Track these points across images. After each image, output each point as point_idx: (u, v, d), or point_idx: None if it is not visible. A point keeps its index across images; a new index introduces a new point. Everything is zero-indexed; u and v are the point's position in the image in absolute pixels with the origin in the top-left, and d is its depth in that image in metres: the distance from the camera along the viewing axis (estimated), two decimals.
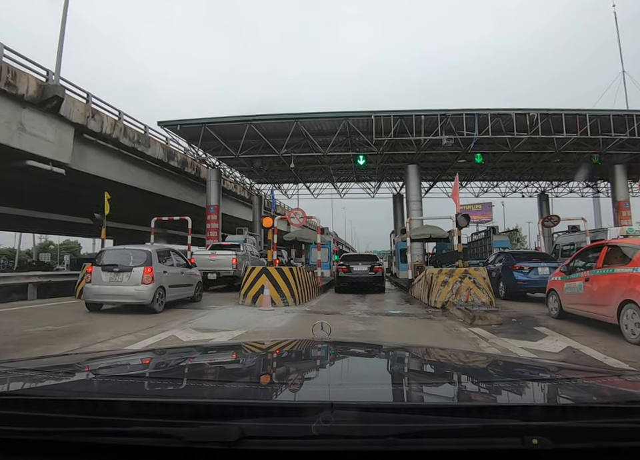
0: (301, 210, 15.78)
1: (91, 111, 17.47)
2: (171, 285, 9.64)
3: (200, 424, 0.80)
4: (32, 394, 1.05)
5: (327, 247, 23.62)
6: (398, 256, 23.47)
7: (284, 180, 29.63)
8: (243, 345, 2.19)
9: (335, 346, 1.81)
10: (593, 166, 24.03)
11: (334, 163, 23.30)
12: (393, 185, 29.53)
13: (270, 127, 18.80)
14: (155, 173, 22.91)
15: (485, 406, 0.99)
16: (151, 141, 21.49)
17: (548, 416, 0.86)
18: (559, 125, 17.24)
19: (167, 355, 1.85)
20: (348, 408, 0.85)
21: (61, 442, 0.83)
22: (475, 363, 1.81)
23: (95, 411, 0.86)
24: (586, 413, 0.88)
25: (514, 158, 23.21)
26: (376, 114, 17.17)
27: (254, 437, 0.79)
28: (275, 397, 1.09)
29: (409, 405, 1.04)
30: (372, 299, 12.89)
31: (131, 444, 0.81)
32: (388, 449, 0.77)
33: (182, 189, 25.84)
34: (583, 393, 1.21)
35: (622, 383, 1.33)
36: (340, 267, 15.27)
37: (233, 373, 1.48)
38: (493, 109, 17.38)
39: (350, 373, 1.50)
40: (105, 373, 1.41)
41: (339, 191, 30.68)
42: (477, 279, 10.44)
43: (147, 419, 0.83)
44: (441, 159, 23.31)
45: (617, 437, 0.82)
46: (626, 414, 0.88)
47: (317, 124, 18.88)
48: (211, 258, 14.79)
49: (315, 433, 0.77)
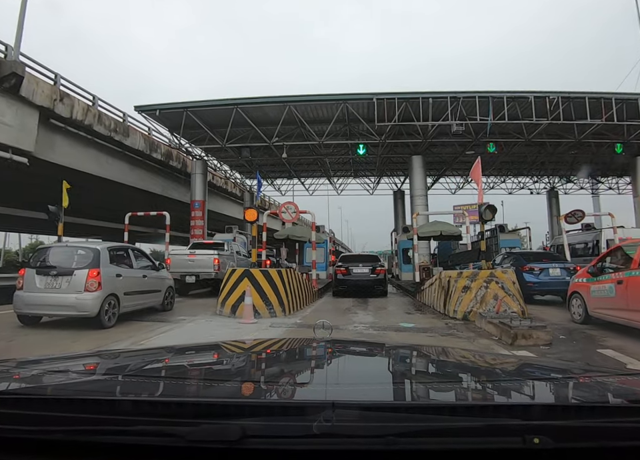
0: (293, 204, 13.86)
1: (59, 93, 15.47)
2: (128, 292, 7.71)
3: (202, 423, 0.80)
4: (34, 393, 1.02)
5: (322, 246, 21.73)
6: (400, 256, 21.58)
7: (277, 175, 27.71)
8: (245, 345, 2.22)
9: (336, 345, 1.83)
10: (609, 159, 22.37)
11: (331, 154, 21.40)
12: (393, 181, 27.70)
13: (259, 113, 16.89)
14: (137, 166, 20.93)
15: (486, 405, 0.98)
16: (130, 130, 19.47)
17: (549, 415, 0.84)
18: (581, 110, 15.42)
19: (169, 354, 1.81)
20: (349, 407, 0.85)
21: (63, 441, 0.83)
22: (475, 362, 1.78)
23: (97, 410, 0.85)
24: (587, 413, 0.87)
25: (526, 150, 21.42)
26: (378, 96, 15.27)
27: (255, 436, 0.78)
28: (276, 396, 1.08)
29: (410, 404, 1.03)
30: (375, 306, 11.00)
31: (133, 443, 0.81)
32: (389, 448, 0.77)
33: (167, 184, 23.79)
34: (584, 393, 1.20)
35: (623, 382, 1.31)
36: (338, 269, 14.02)
37: (235, 372, 1.47)
38: (509, 91, 15.53)
39: (351, 372, 1.48)
40: (107, 372, 1.40)
41: (335, 187, 28.82)
42: (505, 284, 8.55)
43: (149, 418, 0.82)
44: (447, 151, 21.48)
45: (618, 437, 0.81)
46: (627, 413, 0.87)
47: (312, 110, 16.98)
48: (189, 258, 12.85)
49: (316, 432, 0.77)
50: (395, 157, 21.61)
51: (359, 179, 28.38)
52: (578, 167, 23.92)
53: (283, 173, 27.28)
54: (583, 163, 22.84)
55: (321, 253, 21.86)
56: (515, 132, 17.09)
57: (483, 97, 15.25)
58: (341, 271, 13.90)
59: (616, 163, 22.45)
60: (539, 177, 27.62)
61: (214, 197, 29.60)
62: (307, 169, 26.17)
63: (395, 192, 27.48)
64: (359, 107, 16.23)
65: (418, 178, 18.21)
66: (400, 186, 27.29)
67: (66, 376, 1.28)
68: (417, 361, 1.77)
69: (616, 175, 27.62)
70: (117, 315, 7.38)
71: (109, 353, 2.21)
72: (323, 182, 28.67)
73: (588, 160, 22.49)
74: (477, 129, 16.65)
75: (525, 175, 27.65)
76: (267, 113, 16.92)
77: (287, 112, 16.17)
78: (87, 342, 5.95)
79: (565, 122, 15.40)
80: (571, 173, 26.24)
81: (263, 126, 17.53)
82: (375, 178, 27.93)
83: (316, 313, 9.64)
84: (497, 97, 15.21)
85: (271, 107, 16.46)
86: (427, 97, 15.16)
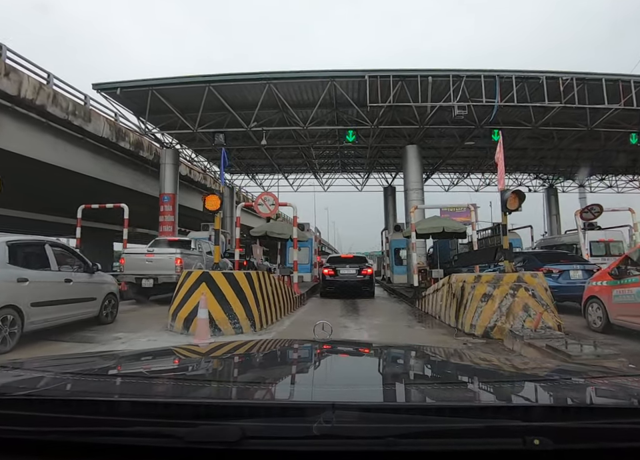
0: (271, 195, 11.92)
1: (3, 67, 13.31)
2: (39, 303, 5.66)
3: (201, 424, 0.80)
4: (32, 394, 0.99)
5: (307, 245, 19.80)
6: (392, 257, 19.73)
7: (259, 170, 25.72)
8: (244, 345, 2.18)
9: (336, 346, 1.83)
10: (615, 154, 20.84)
11: (317, 146, 19.51)
12: (384, 176, 25.86)
13: (236, 94, 14.88)
14: (102, 156, 18.76)
15: (486, 406, 0.97)
16: (92, 115, 17.26)
17: (549, 416, 0.84)
18: (596, 94, 13.74)
19: (167, 355, 1.82)
20: (349, 408, 0.84)
21: (61, 442, 0.82)
22: (475, 363, 1.77)
23: (95, 411, 0.85)
24: (587, 414, 0.87)
25: (528, 143, 19.78)
26: (371, 74, 13.38)
27: (255, 437, 0.78)
28: (276, 397, 1.10)
29: (410, 405, 1.02)
30: (369, 317, 9.07)
31: (131, 444, 0.81)
32: (389, 449, 0.77)
33: (138, 178, 21.52)
34: (584, 394, 1.19)
35: (623, 383, 1.30)
36: (326, 270, 13.83)
37: (234, 373, 1.47)
38: (519, 71, 13.75)
39: (351, 373, 1.46)
40: (104, 373, 1.39)
41: (321, 182, 26.89)
42: (536, 291, 6.68)
43: (148, 419, 0.82)
44: (443, 144, 19.70)
45: (618, 438, 0.81)
46: (627, 415, 0.87)
47: (295, 91, 15.00)
48: (146, 258, 10.78)
49: (316, 433, 0.77)
50: (388, 148, 19.78)
51: (347, 175, 26.53)
52: (581, 163, 22.32)
53: (265, 168, 25.29)
54: (587, 158, 21.27)
55: (305, 253, 19.94)
56: (521, 119, 15.34)
57: (489, 76, 13.45)
58: (328, 272, 13.65)
59: (622, 157, 20.92)
60: (537, 174, 25.99)
61: (191, 192, 27.52)
62: (291, 163, 24.22)
63: (386, 188, 25.65)
64: (349, 88, 14.32)
65: (413, 169, 16.35)
66: (391, 181, 25.48)
67: (64, 377, 1.25)
68: (417, 362, 1.76)
69: (618, 173, 26.19)
70: (19, 335, 5.33)
71: (106, 354, 2.10)
72: (309, 177, 26.78)
73: (592, 155, 20.92)
74: (480, 115, 14.84)
75: (523, 172, 26.04)
76: (244, 94, 14.92)
77: (266, 92, 14.19)
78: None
79: (580, 106, 13.66)
80: (572, 170, 24.64)
81: (240, 110, 15.55)
82: (364, 173, 26.10)
83: (295, 326, 7.66)
84: (505, 76, 13.43)
85: (249, 86, 14.46)
86: (426, 74, 13.31)
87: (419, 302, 10.55)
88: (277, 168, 23.20)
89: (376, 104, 13.28)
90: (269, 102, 15.33)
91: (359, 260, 14.36)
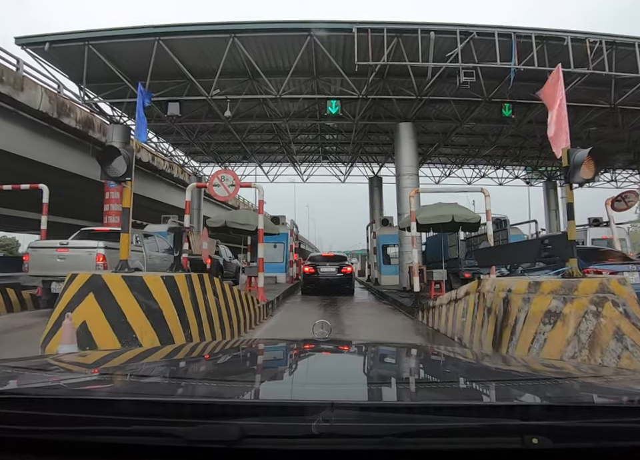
0: (230, 172, 9.25)
1: None
2: None
3: (200, 423, 0.79)
4: (32, 393, 0.98)
5: (281, 241, 17.20)
6: (380, 255, 17.19)
7: (228, 158, 22.90)
8: (243, 344, 2.20)
9: (335, 345, 1.83)
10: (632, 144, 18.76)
11: (293, 126, 16.91)
12: (370, 166, 23.34)
13: (194, 52, 12.11)
14: (42, 135, 15.81)
15: (485, 405, 0.97)
16: (26, 83, 14.24)
17: (548, 415, 0.83)
18: (629, 61, 11.48)
19: (166, 354, 1.80)
20: (348, 407, 0.85)
21: (61, 441, 0.82)
22: (475, 362, 1.78)
23: (95, 410, 0.84)
24: (586, 413, 0.86)
25: (534, 128, 17.45)
26: (360, 26, 10.79)
27: (254, 436, 0.78)
28: (276, 396, 1.08)
29: (409, 404, 1.01)
30: (358, 334, 6.50)
31: (131, 443, 0.80)
32: (388, 448, 0.78)
33: (89, 162, 18.33)
34: (584, 393, 1.17)
35: (623, 382, 1.30)
36: (306, 268, 14.07)
37: (233, 372, 1.43)
38: (539, 29, 11.35)
39: (350, 372, 1.44)
40: (105, 372, 1.33)
41: (300, 172, 24.26)
42: (628, 306, 4.20)
43: (148, 418, 0.81)
44: (438, 129, 17.30)
45: (617, 437, 0.81)
46: (626, 413, 0.86)
47: (266, 52, 12.29)
48: (58, 254, 8.00)
49: (315, 432, 0.76)
50: (376, 133, 17.27)
51: (328, 165, 23.97)
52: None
53: (236, 156, 22.49)
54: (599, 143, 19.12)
55: (280, 250, 17.33)
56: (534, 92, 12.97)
57: (504, 33, 11.00)
58: (309, 270, 13.86)
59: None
60: (535, 167, 23.77)
61: (156, 183, 24.65)
62: (265, 150, 21.51)
63: (371, 179, 23.12)
64: (332, 48, 11.71)
65: (407, 151, 13.82)
66: (377, 171, 22.97)
67: (64, 376, 1.26)
68: (416, 360, 1.75)
69: (621, 167, 24.24)
70: None
71: (106, 353, 2.06)
72: (287, 166, 24.12)
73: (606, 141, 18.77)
74: (489, 86, 12.43)
75: (520, 164, 23.81)
76: (204, 54, 12.18)
77: (230, 49, 11.46)
78: None
79: (611, 74, 11.32)
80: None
81: (201, 77, 12.82)
82: (348, 164, 23.57)
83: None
84: (523, 35, 10.99)
85: (209, 43, 11.72)
86: (428, 29, 10.77)
87: (422, 314, 8.01)
88: (248, 152, 20.42)
89: (367, 62, 10.67)
90: (235, 67, 12.65)
91: (339, 258, 14.46)
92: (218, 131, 17.83)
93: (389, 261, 17.00)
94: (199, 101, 13.35)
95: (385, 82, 13.12)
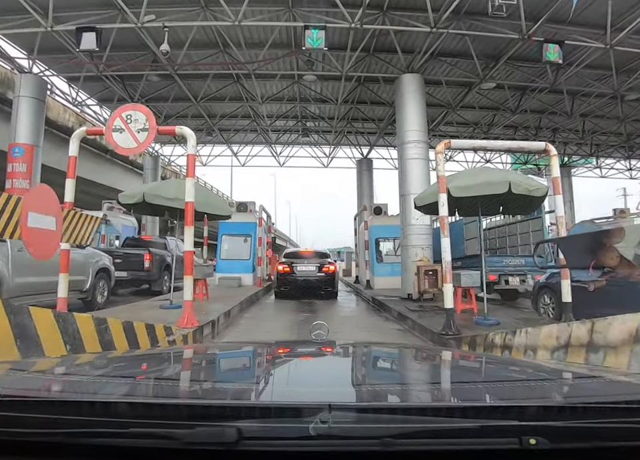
0: (143, 110, 5.60)
1: None
2: None
3: (198, 425, 0.78)
4: (29, 395, 0.96)
5: (249, 232, 13.62)
6: (372, 251, 13.67)
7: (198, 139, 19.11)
8: (241, 346, 2.25)
9: (332, 347, 1.81)
10: None
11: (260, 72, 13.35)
12: (359, 149, 19.86)
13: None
14: None
15: (483, 406, 0.93)
16: None
17: (546, 416, 0.82)
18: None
19: (164, 356, 1.78)
20: (346, 409, 0.84)
21: (58, 443, 0.81)
22: (472, 363, 1.76)
23: (92, 412, 0.82)
24: (583, 413, 0.84)
25: (551, 99, 14.17)
26: None
27: (252, 438, 0.77)
28: (273, 398, 1.08)
29: (406, 405, 0.98)
30: None
31: (128, 445, 0.79)
32: (386, 449, 0.77)
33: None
34: (581, 393, 1.16)
35: (620, 382, 1.28)
36: (280, 266, 11.98)
37: (231, 374, 1.46)
38: None
39: (348, 374, 1.45)
40: (102, 374, 1.33)
41: (276, 154, 20.66)
42: None
43: (145, 420, 0.80)
44: (448, 96, 13.94)
45: (614, 437, 0.80)
46: (624, 414, 0.84)
47: None
48: None
49: (312, 433, 0.75)
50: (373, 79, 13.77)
51: (308, 147, 20.45)
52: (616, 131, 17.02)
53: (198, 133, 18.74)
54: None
55: (247, 244, 13.72)
56: (587, 33, 9.65)
57: None
58: (283, 268, 11.86)
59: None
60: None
61: (104, 164, 20.82)
62: (235, 125, 17.77)
63: (360, 161, 19.64)
64: None
65: (412, 110, 10.28)
66: (367, 152, 19.49)
67: (61, 378, 1.23)
68: (413, 362, 1.74)
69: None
70: None
71: (104, 355, 2.02)
72: (262, 148, 20.50)
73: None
74: (529, 14, 9.04)
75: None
76: None
77: None
78: None
79: None
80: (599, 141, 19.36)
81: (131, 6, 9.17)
82: (332, 145, 20.04)
83: None
84: None
85: None
86: None
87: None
88: (211, 124, 16.71)
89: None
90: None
91: (320, 255, 12.62)
92: (167, 89, 14.13)
93: (381, 259, 13.56)
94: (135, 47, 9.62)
95: (384, 16, 9.70)
